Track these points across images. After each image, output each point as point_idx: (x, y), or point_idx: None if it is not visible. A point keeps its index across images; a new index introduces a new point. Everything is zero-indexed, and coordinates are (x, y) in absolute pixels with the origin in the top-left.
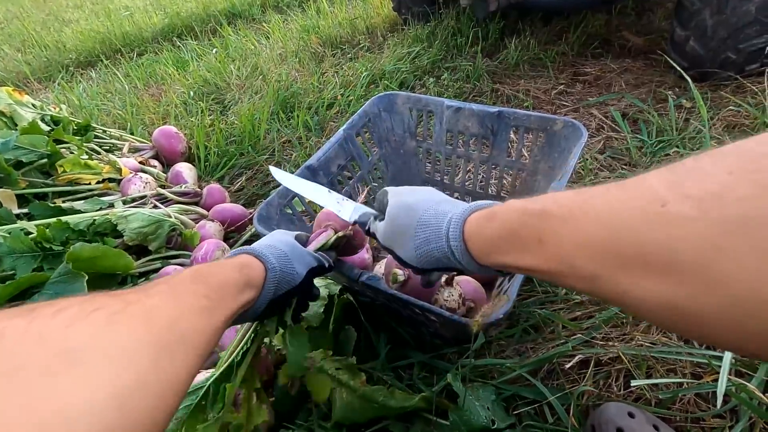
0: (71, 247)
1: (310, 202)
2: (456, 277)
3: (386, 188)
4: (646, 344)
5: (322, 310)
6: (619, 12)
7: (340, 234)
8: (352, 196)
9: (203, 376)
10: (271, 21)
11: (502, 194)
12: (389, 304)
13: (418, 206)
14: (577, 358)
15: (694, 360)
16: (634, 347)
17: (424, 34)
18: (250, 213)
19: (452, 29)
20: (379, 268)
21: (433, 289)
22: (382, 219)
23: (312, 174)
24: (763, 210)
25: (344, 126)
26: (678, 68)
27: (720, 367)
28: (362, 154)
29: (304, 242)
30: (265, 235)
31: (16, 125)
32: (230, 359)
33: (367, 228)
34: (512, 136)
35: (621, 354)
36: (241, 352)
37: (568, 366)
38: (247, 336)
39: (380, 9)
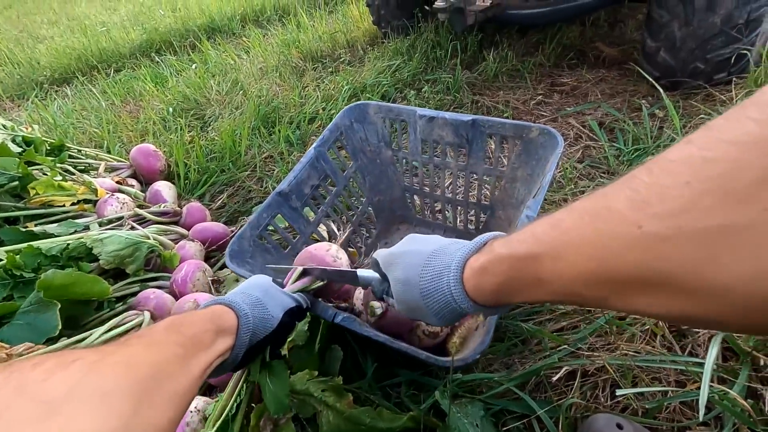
0: (42, 275)
1: (286, 227)
2: None
3: (374, 256)
4: (631, 353)
5: (306, 327)
6: (593, 24)
7: (319, 284)
8: (329, 215)
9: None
10: (251, 35)
11: (483, 202)
12: None
13: (412, 278)
14: (564, 369)
15: (678, 368)
16: (619, 357)
17: (404, 47)
18: (232, 231)
19: (431, 42)
20: (359, 294)
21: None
22: (387, 287)
23: (284, 199)
24: (730, 217)
25: (315, 144)
26: (650, 78)
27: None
28: (336, 170)
29: (282, 284)
30: (239, 276)
31: None
32: (224, 415)
33: (380, 296)
34: (492, 144)
35: (606, 364)
36: (235, 404)
37: (555, 378)
38: (239, 387)
39: (360, 23)
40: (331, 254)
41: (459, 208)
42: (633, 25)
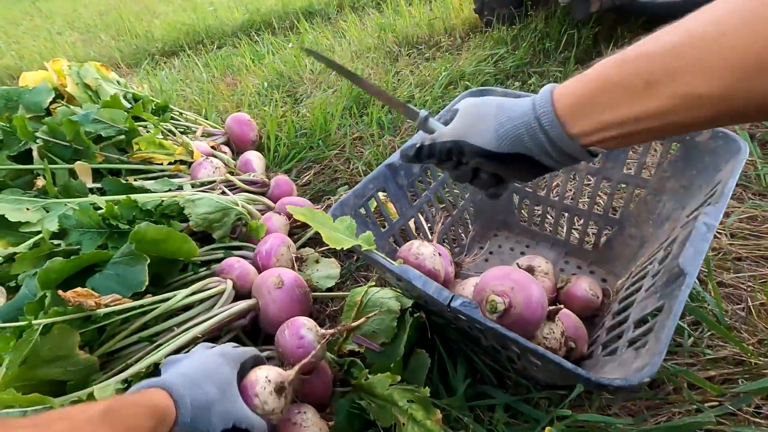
0: (136, 227)
1: (385, 204)
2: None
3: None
4: None
5: (395, 324)
6: None
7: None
8: (433, 204)
9: None
10: (348, 19)
11: (610, 215)
12: (470, 330)
13: (493, 98)
14: None
15: None
16: None
17: (509, 37)
18: (317, 209)
19: (540, 33)
20: (463, 290)
21: (540, 320)
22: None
23: (392, 173)
24: None
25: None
26: None
27: None
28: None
29: (253, 366)
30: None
31: (100, 99)
32: None
33: (420, 145)
34: (639, 146)
35: None
36: None
37: None
38: None
39: (459, 11)
40: (412, 252)
41: (577, 218)
42: None
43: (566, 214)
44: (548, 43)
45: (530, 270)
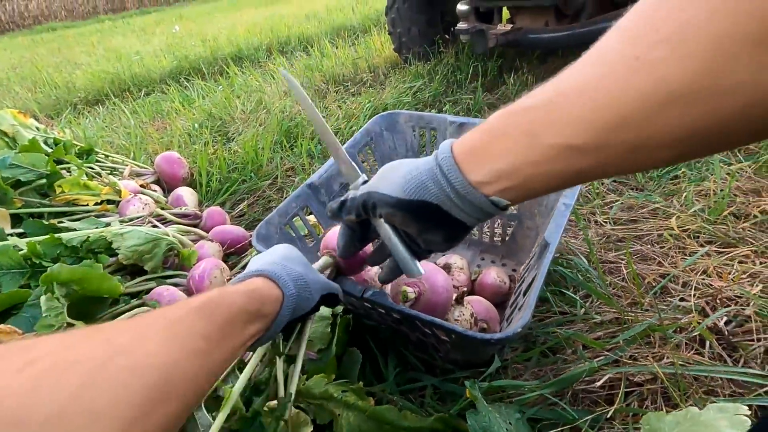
0: (49, 269)
1: (313, 224)
2: (466, 297)
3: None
4: (679, 363)
5: (328, 330)
6: None
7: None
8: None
9: None
10: (276, 62)
11: (510, 211)
12: (396, 326)
13: (406, 159)
14: (606, 377)
15: (734, 378)
16: (666, 366)
17: (425, 71)
18: (251, 235)
19: (452, 66)
20: (385, 287)
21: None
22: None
23: (314, 192)
24: (726, 29)
25: (347, 143)
26: None
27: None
28: (366, 173)
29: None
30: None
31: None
32: None
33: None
34: None
35: (659, 371)
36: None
37: (595, 386)
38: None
39: (381, 51)
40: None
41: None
42: None
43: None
44: (459, 74)
45: (447, 267)
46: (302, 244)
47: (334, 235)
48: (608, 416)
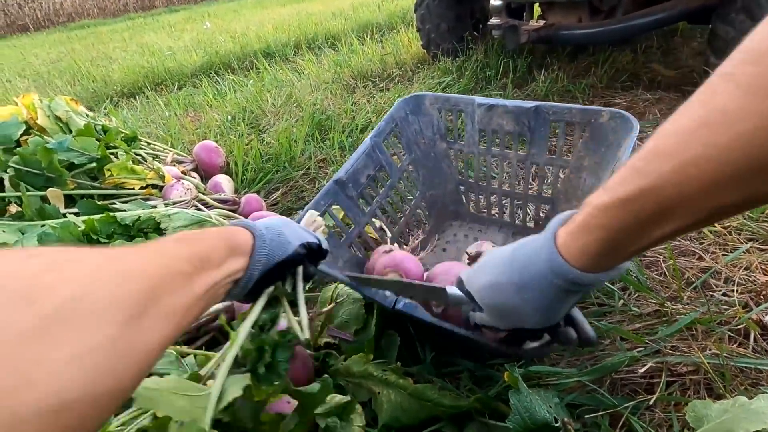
0: (111, 244)
1: (343, 218)
2: None
3: (459, 275)
4: (724, 355)
5: (363, 311)
6: (645, 51)
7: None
8: (385, 209)
9: None
10: (305, 58)
11: (543, 194)
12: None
13: (501, 277)
14: (647, 366)
15: None
16: (710, 357)
17: (454, 67)
18: None
19: (481, 63)
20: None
21: None
22: (477, 309)
23: (341, 187)
24: None
25: (371, 134)
26: None
27: None
28: (391, 162)
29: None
30: None
31: (71, 131)
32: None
33: (466, 318)
34: (557, 132)
35: (704, 362)
36: None
37: (639, 372)
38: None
39: (408, 47)
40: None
41: (517, 202)
42: (688, 52)
43: (506, 199)
44: (488, 71)
45: (479, 255)
46: (333, 241)
47: (402, 256)
48: (649, 404)
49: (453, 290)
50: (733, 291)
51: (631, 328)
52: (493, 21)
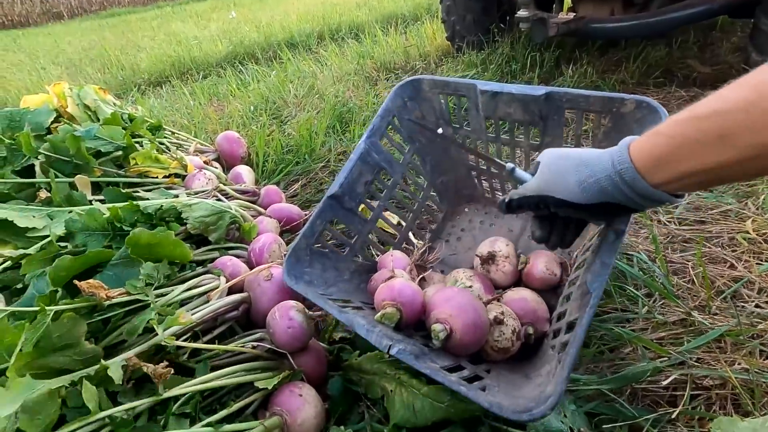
0: (131, 232)
1: (342, 229)
2: (509, 292)
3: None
4: (755, 371)
5: None
6: (680, 46)
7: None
8: (388, 210)
9: None
10: (328, 49)
11: None
12: None
13: (572, 152)
14: (671, 377)
15: None
16: (740, 371)
17: (479, 60)
18: (306, 215)
19: (507, 56)
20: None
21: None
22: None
23: (337, 202)
24: None
25: (363, 135)
26: None
27: None
28: (391, 159)
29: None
30: (296, 290)
31: (99, 119)
32: None
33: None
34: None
35: (731, 377)
36: None
37: (662, 384)
38: None
39: (433, 39)
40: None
41: None
42: (727, 47)
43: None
44: (514, 65)
45: (491, 256)
46: (334, 255)
47: (401, 286)
48: (671, 417)
49: (519, 172)
50: (767, 303)
51: (654, 336)
52: (521, 13)
